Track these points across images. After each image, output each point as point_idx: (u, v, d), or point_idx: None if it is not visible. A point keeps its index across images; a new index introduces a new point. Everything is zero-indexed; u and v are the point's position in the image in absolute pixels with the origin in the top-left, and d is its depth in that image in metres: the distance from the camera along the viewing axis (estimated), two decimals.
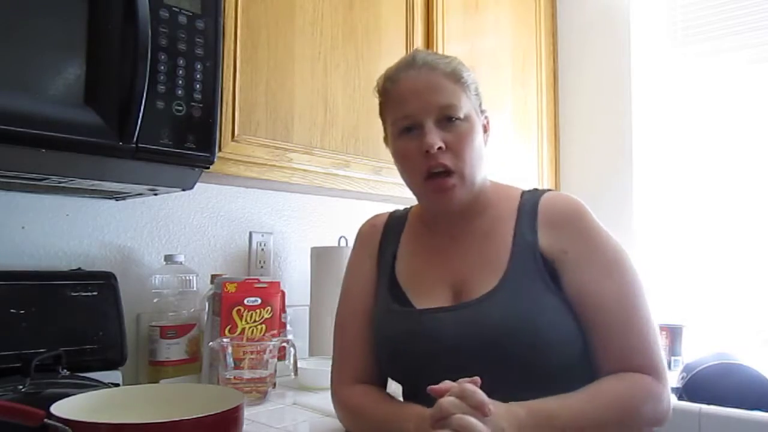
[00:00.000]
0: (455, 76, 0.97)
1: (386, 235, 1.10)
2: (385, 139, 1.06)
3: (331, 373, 1.07)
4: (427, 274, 1.02)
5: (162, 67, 1.07)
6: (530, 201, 1.00)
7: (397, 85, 0.98)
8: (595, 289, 0.92)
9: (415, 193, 1.03)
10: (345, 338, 1.07)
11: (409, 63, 0.98)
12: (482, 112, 1.03)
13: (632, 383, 0.89)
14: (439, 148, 0.93)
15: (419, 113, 0.95)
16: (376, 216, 1.15)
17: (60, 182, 1.13)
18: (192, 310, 1.45)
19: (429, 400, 0.86)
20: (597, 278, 0.93)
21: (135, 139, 1.03)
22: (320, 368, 1.47)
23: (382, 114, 1.04)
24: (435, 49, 1.73)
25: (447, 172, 0.94)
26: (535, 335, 0.89)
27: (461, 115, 0.96)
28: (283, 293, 1.52)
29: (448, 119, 0.95)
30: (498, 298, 0.93)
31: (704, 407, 1.34)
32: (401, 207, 1.17)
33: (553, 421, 0.82)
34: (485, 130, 1.03)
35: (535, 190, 1.04)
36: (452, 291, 0.98)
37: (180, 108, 1.10)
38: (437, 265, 1.02)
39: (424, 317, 0.97)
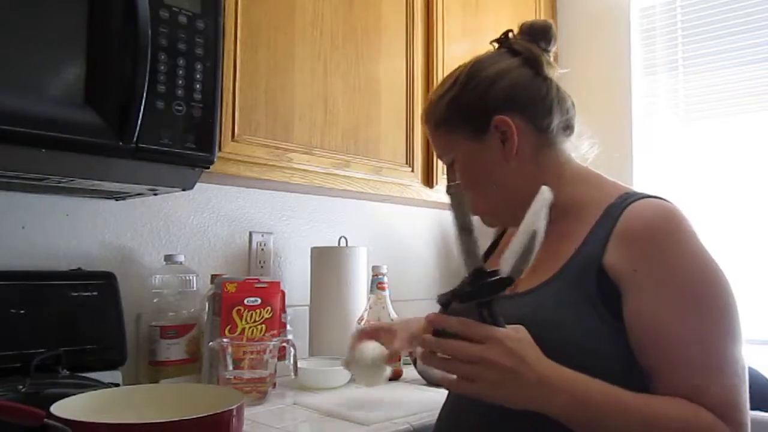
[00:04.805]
0: (439, 123, 0.97)
1: (499, 230, 1.13)
2: None
3: None
4: None
5: (162, 67, 1.07)
6: (618, 207, 0.85)
7: None
8: (664, 316, 0.78)
9: None
10: None
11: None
12: (489, 123, 0.91)
13: (696, 416, 0.74)
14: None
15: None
16: None
17: (60, 182, 1.13)
18: (192, 310, 1.45)
19: (453, 397, 0.93)
20: (670, 303, 0.78)
21: (135, 139, 1.03)
22: (320, 368, 1.47)
23: None
24: (435, 49, 1.73)
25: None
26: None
27: (450, 160, 0.97)
28: (283, 293, 1.52)
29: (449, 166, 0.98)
30: (526, 299, 0.87)
31: None
32: (402, 207, 1.17)
33: (590, 409, 0.75)
34: (505, 137, 0.91)
35: (632, 194, 0.88)
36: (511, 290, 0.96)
37: (180, 108, 1.10)
38: None
39: None
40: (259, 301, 1.38)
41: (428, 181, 1.72)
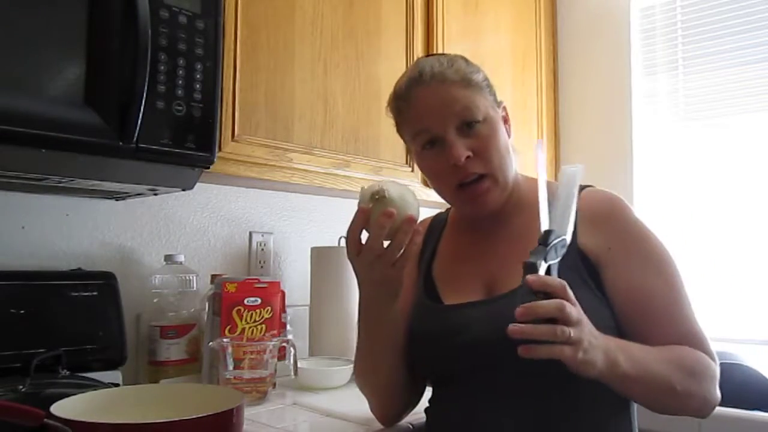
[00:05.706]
0: (465, 81, 0.96)
1: (428, 236, 1.11)
2: (408, 152, 1.07)
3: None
4: (461, 272, 1.02)
5: (162, 67, 1.07)
6: None
7: (410, 104, 0.98)
8: (643, 283, 0.92)
9: (449, 203, 1.05)
10: None
11: (417, 79, 0.98)
12: (498, 104, 1.02)
13: (700, 355, 0.89)
14: (467, 157, 0.94)
15: (438, 127, 0.95)
16: (422, 220, 1.14)
17: (60, 182, 1.13)
18: (192, 310, 1.45)
19: (459, 396, 0.93)
20: (644, 272, 0.92)
21: (135, 139, 1.03)
22: (320, 368, 1.47)
23: (400, 132, 1.05)
24: (435, 50, 1.73)
25: (479, 177, 0.95)
26: None
27: (480, 118, 0.96)
28: (283, 293, 1.52)
29: (468, 125, 0.95)
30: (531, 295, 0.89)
31: None
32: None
33: (626, 355, 0.81)
34: (505, 121, 1.03)
35: None
36: (485, 288, 0.98)
37: (180, 108, 1.10)
38: (472, 263, 1.02)
39: (451, 312, 0.97)
40: (259, 301, 1.39)
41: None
